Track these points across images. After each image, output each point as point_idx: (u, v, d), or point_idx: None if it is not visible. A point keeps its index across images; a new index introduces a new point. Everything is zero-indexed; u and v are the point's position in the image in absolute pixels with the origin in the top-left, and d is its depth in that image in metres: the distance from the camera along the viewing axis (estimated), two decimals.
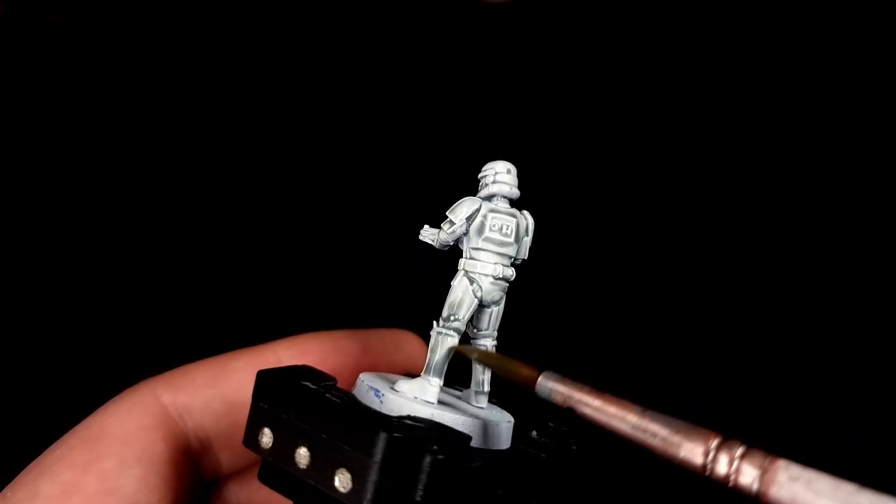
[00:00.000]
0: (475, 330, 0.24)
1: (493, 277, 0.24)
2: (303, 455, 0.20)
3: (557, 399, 0.19)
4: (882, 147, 0.46)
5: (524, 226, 0.24)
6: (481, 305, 0.24)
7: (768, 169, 0.46)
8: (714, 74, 0.49)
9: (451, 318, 0.23)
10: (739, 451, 0.16)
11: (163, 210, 0.47)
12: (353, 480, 0.19)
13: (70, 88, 0.50)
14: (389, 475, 0.18)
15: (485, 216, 0.24)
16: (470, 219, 0.24)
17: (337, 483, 0.19)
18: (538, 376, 0.20)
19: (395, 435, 0.19)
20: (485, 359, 0.22)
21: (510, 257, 0.24)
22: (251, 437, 0.21)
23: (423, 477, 0.19)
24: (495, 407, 0.23)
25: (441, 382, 0.22)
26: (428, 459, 0.19)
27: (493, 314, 0.24)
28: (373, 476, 0.18)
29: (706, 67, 0.49)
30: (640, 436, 0.18)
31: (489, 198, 0.24)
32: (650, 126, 0.48)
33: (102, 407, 0.23)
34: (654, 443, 0.17)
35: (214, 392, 0.25)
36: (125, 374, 0.26)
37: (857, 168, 0.46)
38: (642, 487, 0.36)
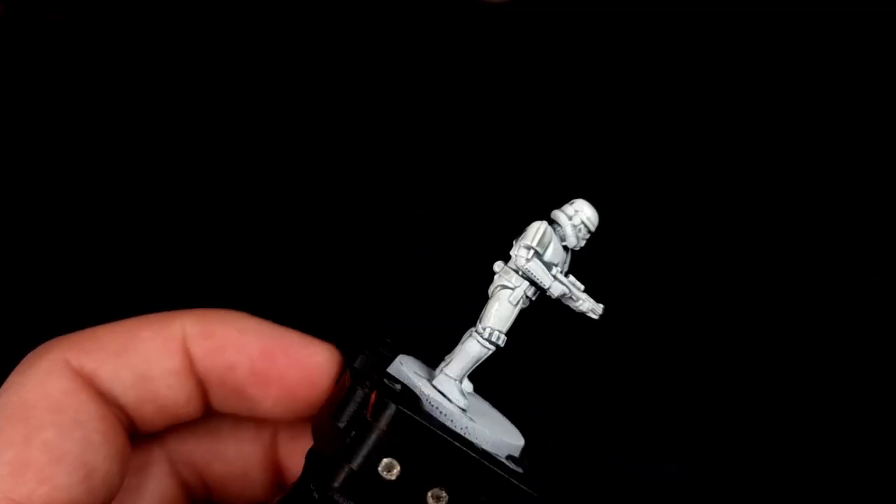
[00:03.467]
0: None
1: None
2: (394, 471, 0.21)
3: None
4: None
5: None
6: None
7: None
8: (716, 72, 0.49)
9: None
10: None
11: (162, 208, 0.47)
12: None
13: (70, 88, 0.50)
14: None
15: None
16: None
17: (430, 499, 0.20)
18: None
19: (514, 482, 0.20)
20: None
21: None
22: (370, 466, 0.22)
23: None
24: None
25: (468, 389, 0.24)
26: None
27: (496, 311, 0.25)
28: None
29: (707, 65, 0.49)
30: None
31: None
32: (652, 126, 0.48)
33: (9, 381, 0.23)
34: None
35: (123, 361, 0.24)
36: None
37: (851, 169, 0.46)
38: None
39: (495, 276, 0.24)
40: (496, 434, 0.23)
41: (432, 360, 0.27)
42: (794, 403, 0.41)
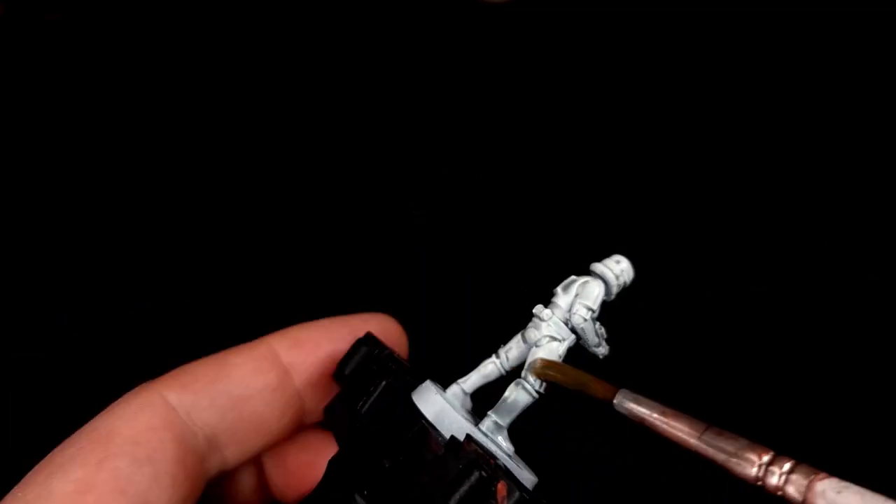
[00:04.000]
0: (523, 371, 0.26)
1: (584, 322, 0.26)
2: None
3: (632, 416, 0.23)
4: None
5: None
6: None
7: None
8: (716, 72, 0.49)
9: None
10: (788, 465, 0.19)
11: (162, 208, 0.47)
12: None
13: (70, 88, 0.51)
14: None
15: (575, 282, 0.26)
16: (567, 286, 0.26)
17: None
18: (614, 394, 0.23)
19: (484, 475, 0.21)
20: (563, 374, 0.25)
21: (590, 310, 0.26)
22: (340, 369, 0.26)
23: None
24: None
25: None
26: None
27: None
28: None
29: (707, 64, 0.49)
30: (703, 449, 0.20)
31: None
32: (652, 125, 0.48)
33: (108, 408, 0.24)
34: (716, 456, 0.20)
35: (218, 388, 0.25)
36: (122, 374, 0.27)
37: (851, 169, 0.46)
38: None
39: (541, 324, 0.25)
40: (531, 475, 0.25)
41: (434, 360, 0.27)
42: (794, 403, 0.41)
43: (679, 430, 0.21)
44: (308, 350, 0.27)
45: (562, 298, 0.25)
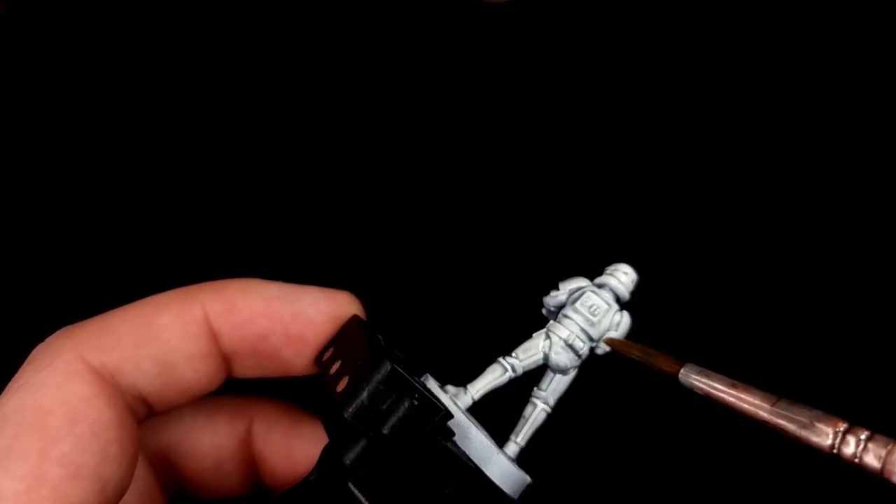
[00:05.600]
0: (535, 388, 0.27)
1: (565, 342, 0.26)
2: (335, 366, 0.24)
3: (698, 390, 0.22)
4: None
5: (616, 321, 0.27)
6: (546, 365, 0.26)
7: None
8: (716, 71, 0.49)
9: (513, 355, 0.26)
10: (864, 434, 0.19)
11: (162, 208, 0.48)
12: (349, 388, 0.22)
13: (70, 89, 0.51)
14: (373, 396, 0.22)
15: (584, 293, 0.27)
16: (573, 292, 0.27)
17: (338, 387, 0.23)
18: (681, 368, 0.23)
19: (398, 369, 0.22)
20: (628, 349, 0.25)
21: (589, 337, 0.26)
22: (320, 356, 0.26)
23: (397, 415, 0.22)
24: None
25: (476, 398, 0.25)
26: (407, 403, 0.21)
27: (556, 381, 0.26)
28: (363, 389, 0.22)
29: (708, 64, 0.49)
30: (775, 421, 0.20)
31: (601, 286, 0.27)
32: (652, 125, 0.48)
33: (23, 379, 0.23)
34: (788, 427, 0.20)
35: (144, 353, 0.24)
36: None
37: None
38: None
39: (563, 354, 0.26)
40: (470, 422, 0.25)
41: (433, 361, 0.27)
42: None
43: (749, 402, 0.21)
44: (240, 324, 0.25)
45: (580, 319, 0.26)
